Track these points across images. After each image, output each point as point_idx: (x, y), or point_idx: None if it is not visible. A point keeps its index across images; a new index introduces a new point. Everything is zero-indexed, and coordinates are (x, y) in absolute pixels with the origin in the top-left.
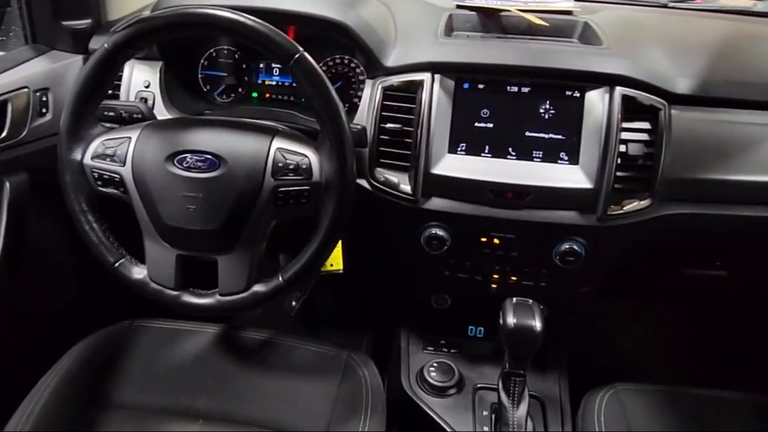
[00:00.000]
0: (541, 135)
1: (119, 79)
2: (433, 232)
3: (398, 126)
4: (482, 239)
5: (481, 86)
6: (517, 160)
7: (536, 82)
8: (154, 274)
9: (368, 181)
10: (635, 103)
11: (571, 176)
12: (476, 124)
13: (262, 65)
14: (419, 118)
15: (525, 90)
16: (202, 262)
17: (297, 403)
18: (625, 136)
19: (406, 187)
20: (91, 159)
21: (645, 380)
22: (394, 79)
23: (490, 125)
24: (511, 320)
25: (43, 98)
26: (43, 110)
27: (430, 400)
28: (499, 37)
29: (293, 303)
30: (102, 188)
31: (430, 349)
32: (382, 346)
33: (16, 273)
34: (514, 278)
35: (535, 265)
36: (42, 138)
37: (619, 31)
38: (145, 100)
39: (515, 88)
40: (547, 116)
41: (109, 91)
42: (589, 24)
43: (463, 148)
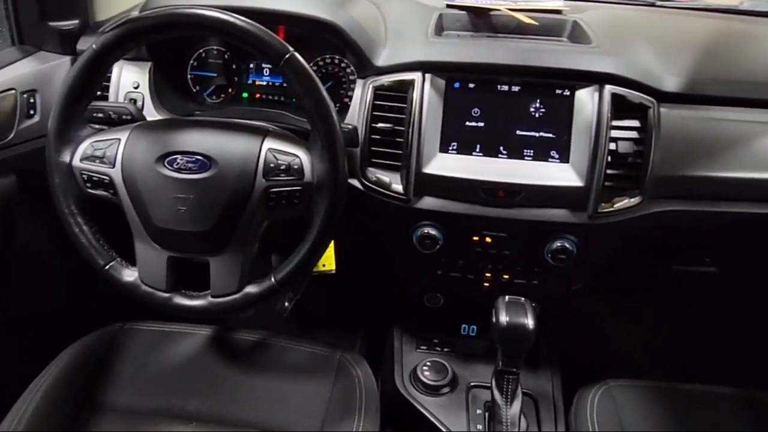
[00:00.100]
0: (532, 133)
1: (108, 80)
2: (426, 232)
3: (389, 125)
4: (474, 238)
5: (471, 85)
6: (508, 158)
7: (526, 81)
8: (145, 276)
9: (360, 181)
10: (624, 102)
11: (561, 174)
12: (467, 124)
13: (252, 65)
14: (410, 118)
15: (515, 89)
16: (194, 263)
17: (290, 404)
18: (614, 134)
19: (398, 187)
20: (80, 161)
21: (637, 376)
22: (385, 79)
23: (481, 124)
24: (503, 318)
25: (31, 100)
26: (31, 112)
27: (423, 399)
28: (489, 37)
29: (286, 304)
30: (91, 190)
31: (424, 348)
32: (376, 346)
33: (6, 276)
34: (506, 276)
35: (527, 264)
36: (30, 140)
37: (608, 30)
38: (135, 101)
39: (506, 87)
40: (537, 115)
41: (98, 93)
42: (579, 23)
43: (455, 148)
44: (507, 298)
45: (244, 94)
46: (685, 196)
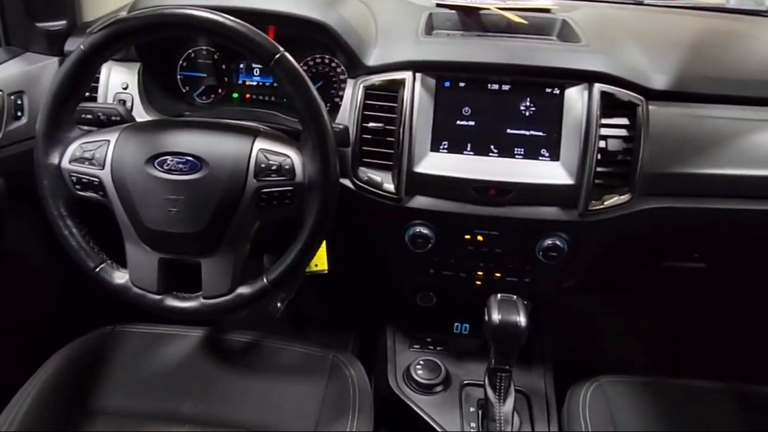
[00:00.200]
0: (522, 132)
1: (96, 81)
2: (417, 231)
3: (380, 125)
4: (466, 236)
5: (462, 84)
6: (498, 157)
7: (516, 80)
8: (136, 278)
9: (351, 181)
10: (614, 100)
11: (552, 172)
12: (458, 122)
13: (242, 65)
14: (401, 117)
15: (505, 87)
16: (185, 265)
17: (284, 404)
18: (604, 132)
19: (390, 186)
20: (69, 163)
21: (628, 372)
22: (376, 79)
23: (472, 123)
24: (495, 316)
25: (18, 101)
26: (19, 114)
27: (417, 398)
28: (479, 36)
29: (278, 304)
30: (81, 192)
31: (416, 347)
32: (368, 346)
33: None
34: (498, 274)
35: (519, 261)
36: (18, 142)
37: (597, 29)
38: (124, 102)
39: (496, 86)
40: (527, 113)
41: (87, 94)
42: (568, 22)
43: (446, 146)
44: (499, 296)
45: (235, 95)
46: (674, 193)
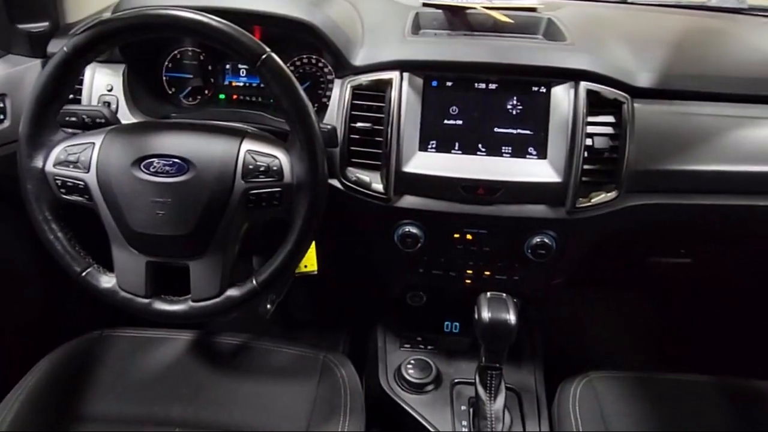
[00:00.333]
0: (510, 131)
1: (80, 83)
2: (407, 230)
3: (368, 125)
4: (455, 235)
5: (449, 84)
6: (486, 156)
7: (503, 79)
8: (124, 282)
9: (340, 181)
10: (599, 98)
11: (539, 171)
12: (446, 122)
13: (228, 66)
14: (389, 117)
15: (492, 86)
16: (173, 268)
17: (275, 406)
18: (590, 129)
19: (378, 186)
20: (54, 166)
21: (617, 367)
22: (363, 78)
23: (460, 122)
24: (486, 315)
25: (0, 104)
26: (1, 117)
27: (408, 398)
28: (466, 35)
29: (268, 306)
30: (66, 196)
31: (407, 346)
32: (359, 346)
33: None
34: (487, 273)
35: (508, 259)
36: (0, 145)
37: (582, 27)
38: (108, 104)
39: (483, 85)
40: (514, 112)
41: (70, 96)
42: (553, 20)
43: (434, 146)
44: (489, 294)
45: (221, 96)
46: (660, 189)
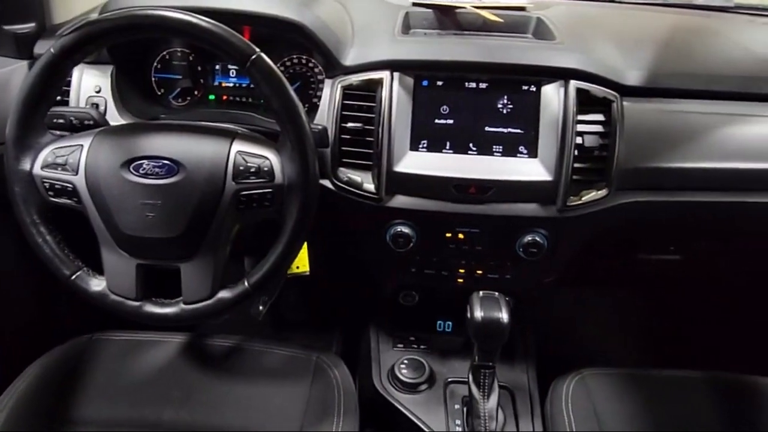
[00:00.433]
0: (500, 130)
1: (68, 85)
2: (399, 230)
3: (359, 125)
4: (447, 235)
5: (440, 83)
6: (477, 155)
7: (493, 78)
8: (114, 285)
9: (331, 182)
10: (589, 96)
11: (530, 169)
12: (436, 121)
13: (218, 67)
14: (380, 117)
15: (483, 86)
16: (164, 270)
17: (268, 408)
18: (580, 128)
19: (370, 186)
20: (41, 169)
21: (609, 364)
22: (353, 78)
23: (451, 121)
24: (478, 314)
25: None
26: None
27: (401, 397)
28: (456, 34)
29: (260, 307)
30: (54, 199)
31: (400, 346)
32: (352, 346)
33: None
34: (479, 272)
35: (500, 258)
36: None
37: (571, 26)
38: (97, 105)
39: (473, 84)
40: (505, 111)
41: (58, 98)
42: (542, 20)
43: (425, 145)
44: (481, 293)
45: (211, 96)
46: (650, 187)
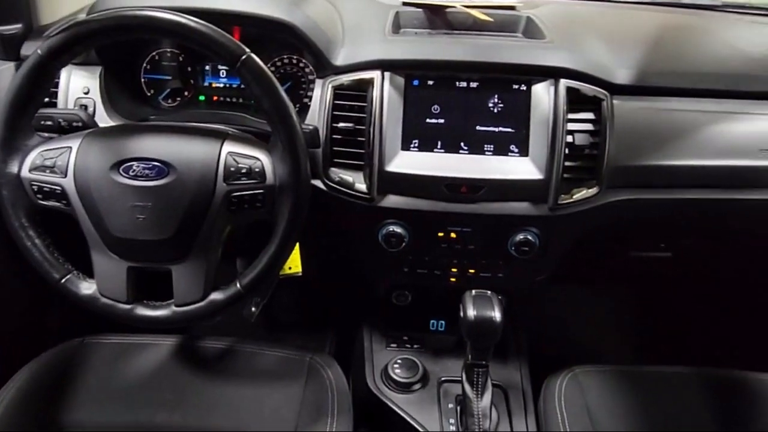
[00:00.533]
0: (492, 129)
1: (56, 86)
2: (391, 230)
3: (350, 125)
4: (439, 234)
5: (430, 82)
6: (469, 154)
7: (484, 77)
8: (105, 288)
9: (323, 182)
10: (579, 95)
11: (521, 168)
12: (428, 120)
13: (208, 67)
14: (371, 117)
15: (474, 85)
16: (155, 272)
17: (262, 410)
18: (571, 126)
19: (362, 186)
20: (29, 171)
21: (601, 361)
22: (344, 78)
23: (442, 121)
24: (471, 313)
25: None
26: None
27: (395, 397)
28: (446, 34)
29: (253, 309)
30: (43, 201)
31: (393, 345)
32: (345, 346)
33: None
34: (472, 271)
35: (492, 257)
36: None
37: (561, 25)
38: (85, 107)
39: (464, 84)
40: (496, 110)
41: (46, 99)
42: (532, 19)
43: (416, 145)
44: (474, 292)
45: (201, 97)
46: (640, 184)
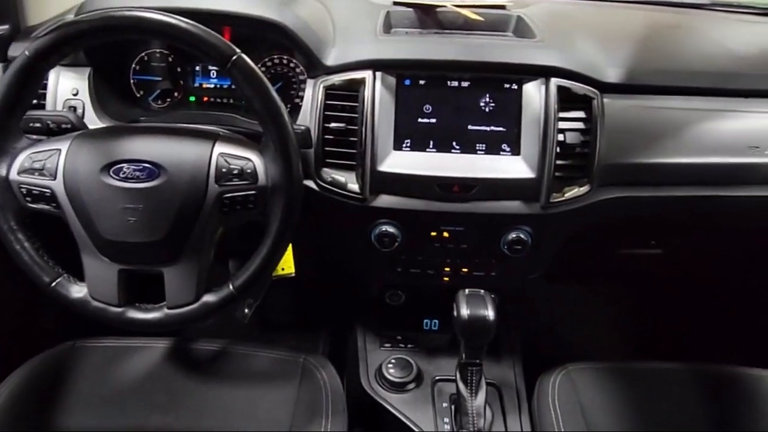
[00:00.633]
0: (483, 128)
1: (44, 88)
2: (384, 230)
3: (342, 125)
4: (432, 233)
5: (422, 82)
6: (461, 153)
7: (475, 77)
8: (96, 291)
9: (315, 182)
10: (570, 93)
11: (513, 167)
12: (419, 120)
13: (198, 68)
14: (363, 117)
15: (465, 84)
16: (147, 275)
17: (256, 411)
18: (562, 125)
19: (354, 186)
20: (18, 174)
21: (594, 358)
22: (336, 78)
23: (433, 120)
24: (464, 312)
25: None
26: None
27: (390, 397)
28: (437, 33)
29: (245, 310)
30: (32, 204)
31: (387, 345)
32: (339, 347)
33: None
34: (465, 270)
35: (485, 256)
36: None
37: (551, 24)
38: (74, 108)
39: (455, 83)
40: (487, 109)
41: (34, 101)
42: (523, 18)
43: (408, 144)
44: (467, 291)
45: (191, 98)
46: (631, 182)
